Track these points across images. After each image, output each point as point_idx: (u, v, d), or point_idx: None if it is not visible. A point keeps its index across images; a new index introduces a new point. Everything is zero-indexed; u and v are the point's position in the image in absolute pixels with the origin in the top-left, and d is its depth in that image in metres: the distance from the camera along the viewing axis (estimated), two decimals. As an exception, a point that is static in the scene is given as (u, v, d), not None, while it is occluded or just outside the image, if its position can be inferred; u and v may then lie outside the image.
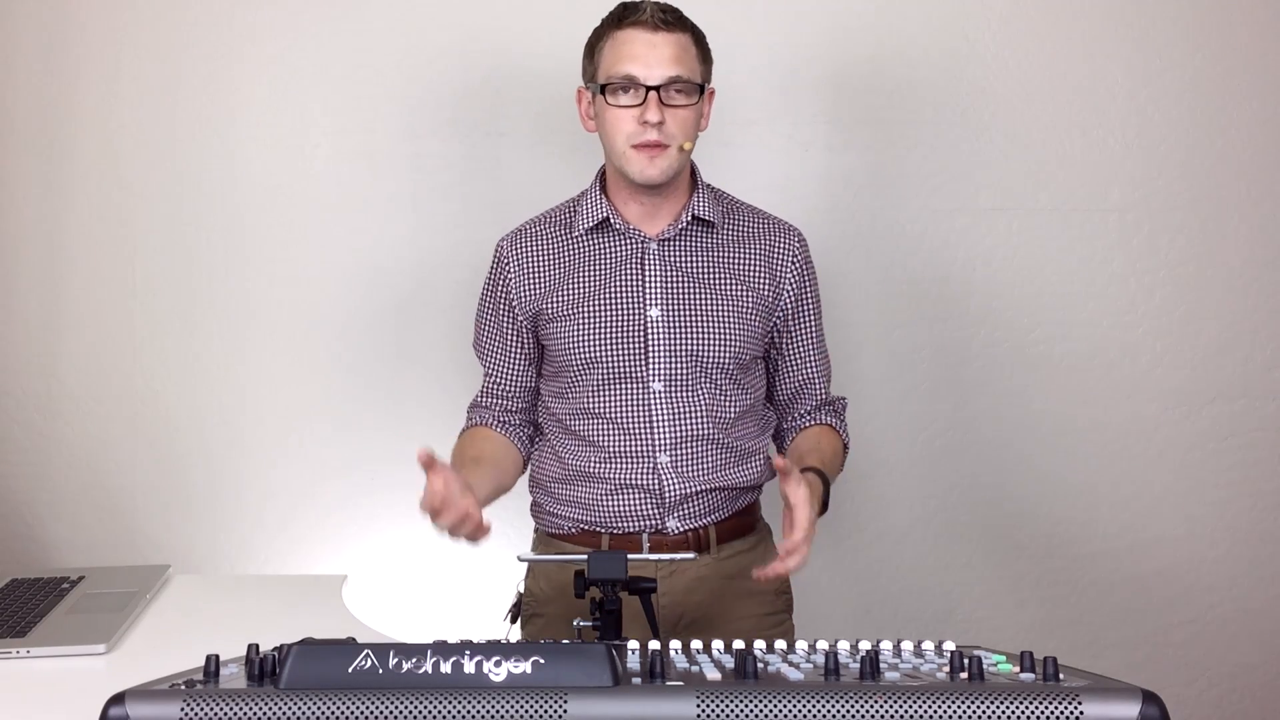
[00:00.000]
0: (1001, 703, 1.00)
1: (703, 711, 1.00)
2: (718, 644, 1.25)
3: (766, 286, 1.94)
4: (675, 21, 1.83)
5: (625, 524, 1.91)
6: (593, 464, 1.92)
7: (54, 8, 2.56)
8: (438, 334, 2.61)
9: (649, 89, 1.80)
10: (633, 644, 1.24)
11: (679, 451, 1.90)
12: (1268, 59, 2.59)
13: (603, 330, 1.89)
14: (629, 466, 1.90)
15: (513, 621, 1.99)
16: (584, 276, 1.92)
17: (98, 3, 2.56)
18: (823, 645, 1.24)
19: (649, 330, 1.89)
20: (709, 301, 1.90)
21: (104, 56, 2.57)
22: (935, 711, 1.00)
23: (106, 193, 2.59)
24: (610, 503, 1.91)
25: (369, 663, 1.04)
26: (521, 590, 2.01)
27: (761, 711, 1.00)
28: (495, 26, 2.57)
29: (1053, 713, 0.99)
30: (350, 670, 1.04)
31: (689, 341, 1.89)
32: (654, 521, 1.91)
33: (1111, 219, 2.61)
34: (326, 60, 2.58)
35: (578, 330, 1.90)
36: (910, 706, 1.00)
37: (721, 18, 1.89)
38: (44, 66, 2.57)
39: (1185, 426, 2.65)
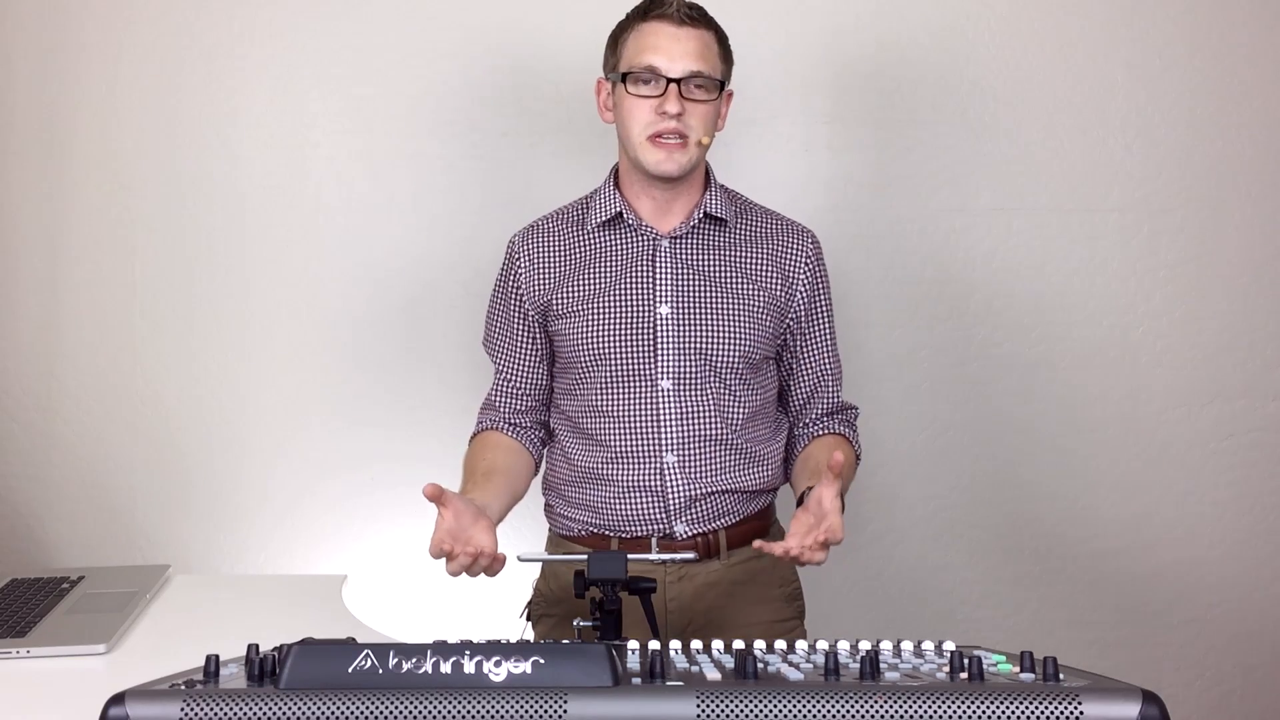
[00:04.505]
0: (1001, 703, 1.00)
1: (703, 711, 1.00)
2: (718, 644, 1.25)
3: (779, 286, 1.94)
4: (700, 18, 1.85)
5: (633, 528, 1.91)
6: (600, 464, 1.91)
7: (54, 8, 2.56)
8: (439, 333, 2.61)
9: (670, 81, 1.80)
10: (633, 644, 1.24)
11: (686, 452, 1.89)
12: (1268, 59, 2.59)
13: (612, 326, 1.89)
14: (636, 466, 1.89)
15: (528, 620, 1.99)
16: (594, 272, 1.92)
17: (98, 3, 2.57)
18: (823, 645, 1.24)
19: (658, 327, 1.88)
20: (720, 299, 1.90)
21: (104, 56, 2.57)
22: (935, 711, 1.00)
23: (106, 193, 2.60)
24: (619, 506, 1.91)
25: (369, 663, 1.04)
26: (534, 589, 2.01)
27: (761, 711, 1.00)
28: (496, 27, 2.57)
29: (1053, 713, 0.99)
30: (350, 670, 1.04)
31: (698, 339, 1.88)
32: (661, 526, 1.90)
33: (1111, 219, 2.61)
34: (326, 60, 2.58)
35: (587, 326, 1.90)
36: (910, 706, 1.00)
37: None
38: (44, 66, 2.57)
39: (1185, 426, 2.65)
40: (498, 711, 1.01)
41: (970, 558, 2.67)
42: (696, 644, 1.26)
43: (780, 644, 1.25)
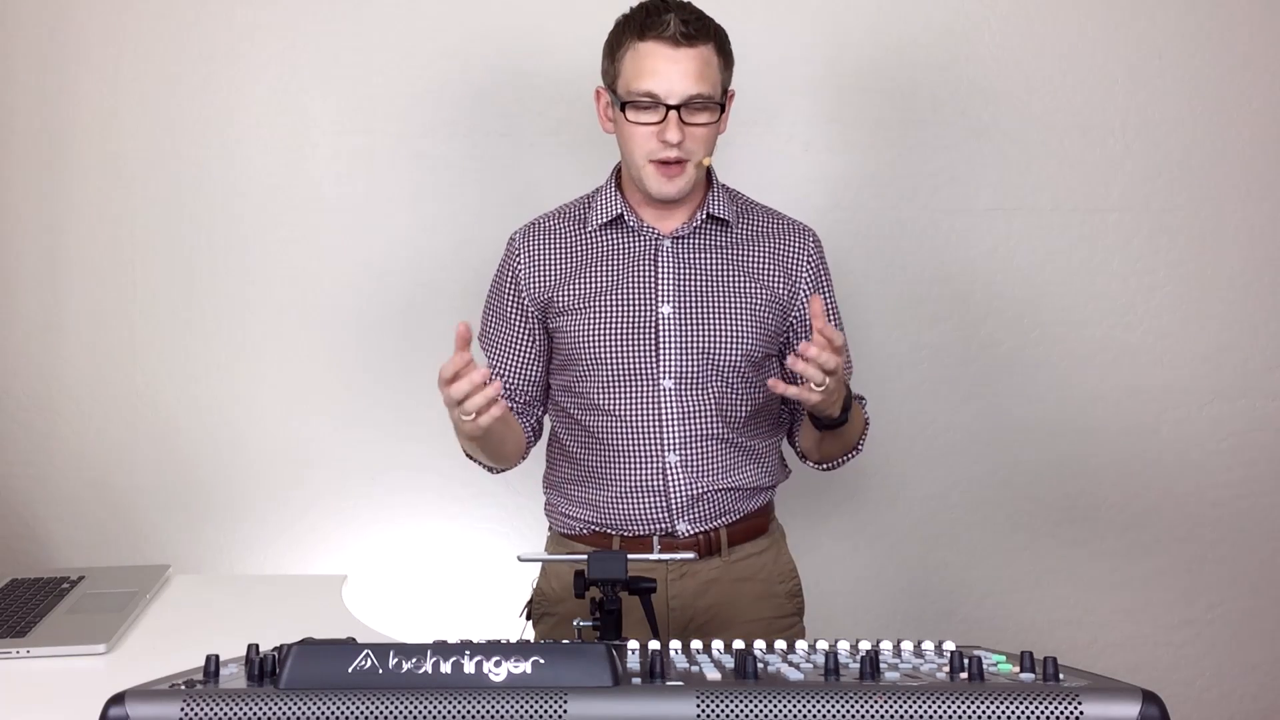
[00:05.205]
0: (1001, 703, 1.00)
1: (703, 711, 1.00)
2: (718, 644, 1.25)
3: (781, 284, 1.93)
4: (697, 33, 1.79)
5: (635, 527, 1.91)
6: (602, 462, 1.92)
7: (54, 8, 2.56)
8: (438, 334, 2.60)
9: (669, 107, 1.79)
10: (633, 644, 1.24)
11: (688, 451, 1.89)
12: (1268, 59, 2.59)
13: (613, 326, 1.89)
14: (637, 465, 1.89)
15: (528, 619, 1.99)
16: (596, 272, 1.92)
17: (98, 3, 2.56)
18: (823, 645, 1.24)
19: (660, 327, 1.88)
20: (721, 298, 1.90)
21: (104, 56, 2.57)
22: (935, 711, 1.00)
23: (106, 193, 2.59)
24: (621, 506, 1.91)
25: (369, 663, 1.04)
26: (534, 589, 2.01)
27: (761, 711, 1.00)
28: (495, 26, 2.57)
29: (1053, 713, 0.99)
30: (350, 670, 1.04)
31: (700, 338, 1.88)
32: (663, 525, 1.90)
33: (1111, 219, 2.61)
34: (326, 60, 2.58)
35: (588, 325, 1.90)
36: (910, 706, 1.00)
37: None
38: (44, 66, 2.57)
39: (1185, 426, 2.65)
40: (498, 711, 1.01)
41: (970, 558, 2.67)
42: (696, 644, 1.26)
43: (780, 644, 1.25)
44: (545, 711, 1.01)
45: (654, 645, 1.23)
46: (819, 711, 1.00)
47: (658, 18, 1.79)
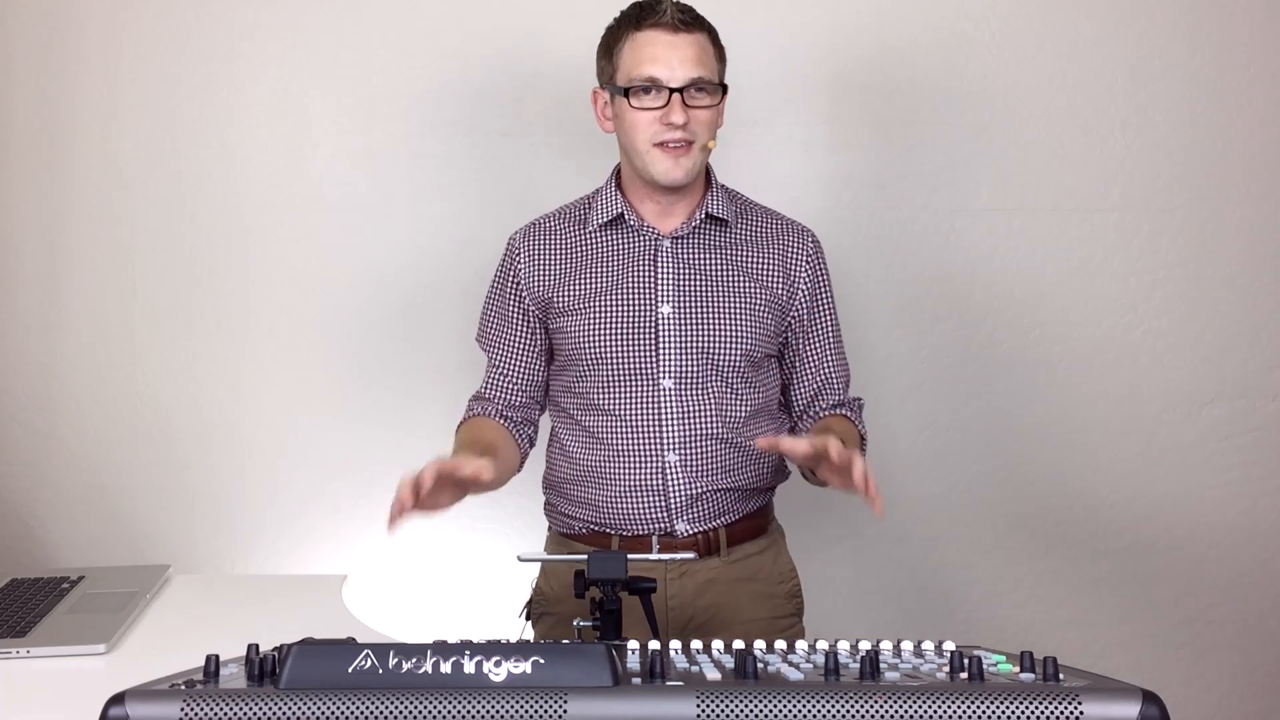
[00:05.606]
0: (1001, 703, 1.00)
1: (703, 711, 1.00)
2: (718, 644, 1.25)
3: (780, 284, 1.94)
4: (694, 21, 1.84)
5: (635, 526, 1.91)
6: (601, 462, 1.91)
7: (54, 8, 2.56)
8: (438, 334, 2.61)
9: (672, 91, 1.80)
10: (633, 644, 1.24)
11: (688, 450, 1.89)
12: (1268, 59, 2.59)
13: (613, 326, 1.89)
14: (637, 465, 1.90)
15: (528, 619, 1.99)
16: (595, 272, 1.92)
17: (98, 3, 2.57)
18: (823, 645, 1.24)
19: (660, 326, 1.89)
20: (721, 298, 1.90)
21: (104, 56, 2.57)
22: (935, 711, 1.00)
23: (106, 193, 2.60)
24: (620, 505, 1.91)
25: (369, 663, 1.04)
26: (534, 589, 2.01)
27: (761, 711, 1.00)
28: (495, 26, 2.57)
29: (1053, 713, 0.99)
30: (350, 670, 1.04)
31: (700, 338, 1.89)
32: (663, 525, 1.90)
33: (1111, 219, 2.61)
34: (326, 60, 2.58)
35: (588, 325, 1.90)
36: (910, 706, 1.00)
37: (721, 17, 1.89)
38: (44, 66, 2.57)
39: (1185, 426, 2.65)
40: (498, 711, 1.01)
41: (970, 558, 2.67)
42: (696, 644, 1.26)
43: (780, 644, 1.24)
44: (545, 711, 1.00)
45: (654, 645, 1.23)
46: (819, 711, 1.00)
47: (653, 8, 1.83)
